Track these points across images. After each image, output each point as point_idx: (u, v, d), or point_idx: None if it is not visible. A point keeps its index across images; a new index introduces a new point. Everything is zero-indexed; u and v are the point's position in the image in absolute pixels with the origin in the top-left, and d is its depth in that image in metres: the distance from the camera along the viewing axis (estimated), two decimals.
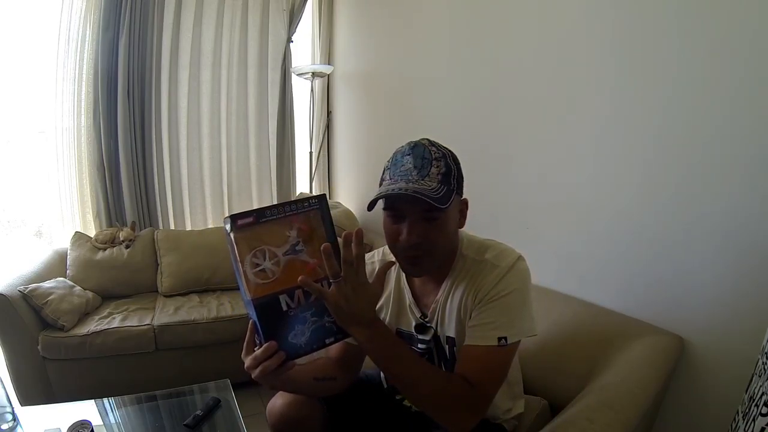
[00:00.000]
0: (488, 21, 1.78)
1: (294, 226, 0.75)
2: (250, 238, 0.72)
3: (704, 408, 1.18)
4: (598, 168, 1.40)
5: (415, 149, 0.84)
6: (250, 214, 0.73)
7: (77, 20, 2.44)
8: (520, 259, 0.89)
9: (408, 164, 0.83)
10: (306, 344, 0.77)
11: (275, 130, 3.05)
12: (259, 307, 0.73)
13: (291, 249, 0.75)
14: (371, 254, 1.07)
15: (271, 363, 0.73)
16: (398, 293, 1.01)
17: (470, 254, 0.92)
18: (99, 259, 2.30)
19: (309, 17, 3.10)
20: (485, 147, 1.79)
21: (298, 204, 0.76)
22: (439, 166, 0.83)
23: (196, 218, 2.97)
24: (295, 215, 0.76)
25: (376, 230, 2.64)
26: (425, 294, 0.97)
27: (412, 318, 0.98)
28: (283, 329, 0.75)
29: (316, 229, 0.77)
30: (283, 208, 0.75)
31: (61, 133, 2.53)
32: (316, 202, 0.77)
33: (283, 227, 0.75)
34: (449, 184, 0.82)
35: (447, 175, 0.83)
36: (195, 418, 1.25)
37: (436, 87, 2.10)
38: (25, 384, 1.89)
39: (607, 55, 1.35)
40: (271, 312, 0.74)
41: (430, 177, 0.81)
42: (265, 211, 0.74)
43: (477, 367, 0.82)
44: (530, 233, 1.63)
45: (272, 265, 0.73)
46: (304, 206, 0.76)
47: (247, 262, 0.72)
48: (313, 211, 0.77)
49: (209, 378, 1.48)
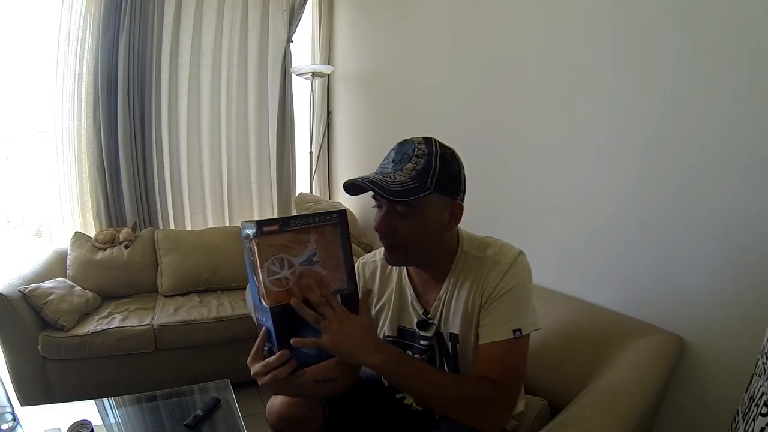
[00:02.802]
0: (488, 21, 1.78)
1: (312, 238, 0.77)
2: (272, 245, 0.73)
3: (704, 408, 1.18)
4: (598, 168, 1.40)
5: (402, 145, 0.88)
6: (276, 222, 0.74)
7: (77, 20, 2.44)
8: (521, 254, 0.91)
9: (390, 158, 0.88)
10: (317, 353, 0.78)
11: (275, 130, 3.05)
12: (276, 315, 0.74)
13: (308, 260, 0.77)
14: (372, 253, 1.08)
15: (283, 371, 0.75)
16: (399, 290, 1.02)
17: (472, 251, 0.93)
18: (99, 259, 2.30)
19: (309, 17, 3.10)
20: (485, 147, 1.79)
21: (320, 217, 0.78)
22: (417, 162, 0.84)
23: (196, 218, 2.97)
24: (316, 227, 0.78)
25: None
26: (426, 291, 0.98)
27: (413, 315, 0.99)
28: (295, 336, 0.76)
29: (332, 243, 0.79)
30: (307, 219, 0.77)
31: (61, 133, 2.53)
32: (338, 217, 0.80)
33: (304, 238, 0.76)
34: (423, 181, 0.83)
35: (423, 172, 0.83)
36: (195, 418, 1.26)
37: (436, 87, 2.10)
38: (25, 384, 1.89)
39: (606, 55, 1.35)
40: (287, 320, 0.75)
41: (402, 171, 0.84)
42: (290, 220, 0.76)
43: (496, 364, 0.84)
44: (530, 233, 1.63)
45: (289, 274, 0.75)
46: (326, 219, 0.79)
47: (264, 268, 0.73)
48: (333, 225, 0.79)
49: (209, 378, 1.49)
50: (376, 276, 1.04)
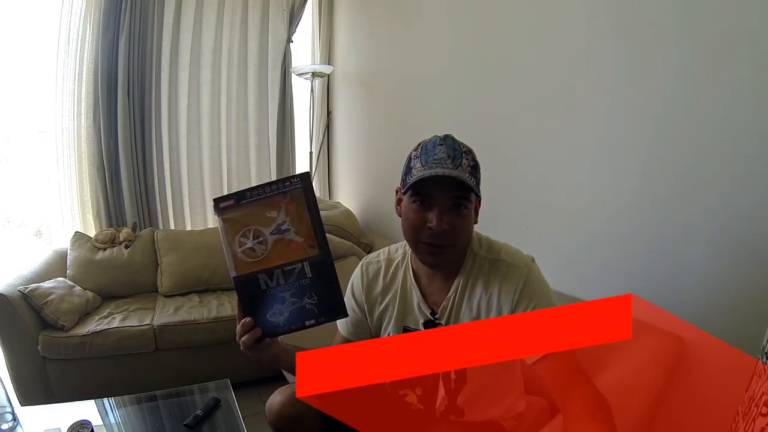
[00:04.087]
0: (488, 21, 1.78)
1: (280, 206, 0.78)
2: (235, 219, 0.77)
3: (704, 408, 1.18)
4: (598, 168, 1.40)
5: (446, 140, 0.88)
6: (231, 197, 0.77)
7: (77, 20, 2.44)
8: (534, 260, 0.92)
9: (441, 153, 0.85)
10: (285, 323, 0.79)
11: (275, 130, 3.05)
12: (239, 285, 0.78)
13: (277, 229, 0.78)
14: (376, 253, 1.06)
15: (247, 339, 0.78)
16: (404, 292, 1.00)
17: (482, 252, 0.93)
18: (99, 259, 2.30)
19: (309, 17, 3.10)
20: (484, 147, 1.78)
21: (279, 184, 0.78)
22: (469, 159, 0.86)
23: (196, 218, 2.97)
24: (279, 195, 0.78)
25: (377, 230, 2.65)
26: (433, 292, 0.97)
27: (420, 316, 0.98)
28: (261, 307, 0.78)
29: (300, 208, 0.78)
30: (263, 189, 0.78)
31: (61, 133, 2.53)
32: (298, 182, 0.79)
33: (267, 207, 0.78)
34: (476, 177, 0.87)
35: (474, 169, 0.87)
36: (195, 418, 1.26)
37: (436, 87, 2.10)
38: (25, 384, 1.89)
39: (605, 56, 1.35)
40: (250, 290, 0.78)
41: (462, 168, 0.84)
42: (245, 192, 0.78)
43: None
44: (530, 233, 1.63)
45: (259, 244, 0.77)
46: (286, 185, 0.78)
47: (236, 242, 0.77)
48: (297, 190, 0.78)
49: (209, 378, 1.49)
50: (379, 277, 1.03)
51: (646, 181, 1.27)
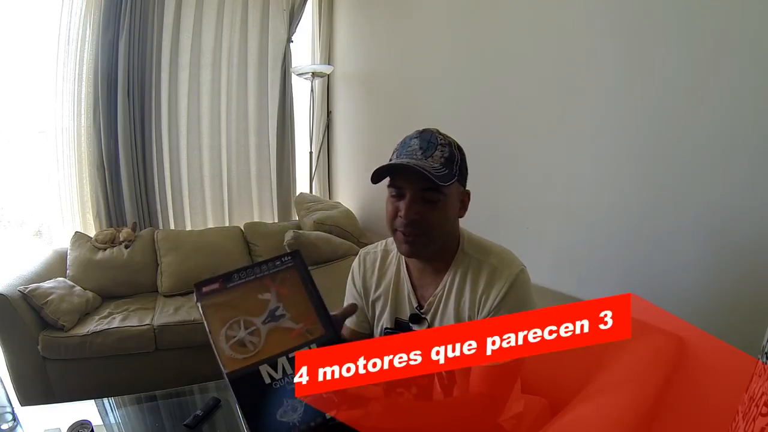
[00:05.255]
0: (487, 21, 1.78)
1: (270, 290, 0.68)
2: (220, 307, 0.65)
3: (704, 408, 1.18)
4: (596, 168, 1.40)
5: (422, 134, 0.89)
6: (216, 280, 0.66)
7: (77, 20, 2.44)
8: (523, 271, 0.90)
9: (414, 146, 0.87)
10: (301, 421, 0.63)
11: (275, 130, 3.05)
12: (236, 383, 0.62)
13: (270, 316, 0.66)
14: (374, 244, 1.08)
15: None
16: (397, 281, 1.01)
17: (473, 253, 0.93)
18: (99, 259, 2.30)
19: (309, 17, 3.10)
20: (484, 147, 1.79)
21: (269, 264, 0.69)
22: (444, 150, 0.86)
23: (196, 218, 2.97)
24: (269, 276, 0.68)
25: (377, 230, 2.65)
26: (424, 285, 0.98)
27: (408, 307, 0.99)
28: (268, 407, 0.63)
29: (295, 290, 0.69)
30: (252, 270, 0.68)
31: (61, 133, 2.53)
32: (290, 260, 0.70)
33: (257, 291, 0.67)
34: (451, 168, 0.86)
35: (450, 161, 0.86)
36: (195, 418, 1.25)
37: (436, 87, 2.10)
38: (25, 384, 1.89)
39: (605, 56, 1.35)
40: (251, 387, 0.63)
41: (433, 158, 0.85)
42: (232, 274, 0.67)
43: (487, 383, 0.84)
44: (530, 233, 1.63)
45: (251, 335, 0.65)
46: (276, 265, 0.69)
47: (222, 335, 0.64)
48: (288, 270, 0.70)
49: (209, 378, 1.48)
50: (376, 266, 1.04)
51: (645, 181, 1.27)
